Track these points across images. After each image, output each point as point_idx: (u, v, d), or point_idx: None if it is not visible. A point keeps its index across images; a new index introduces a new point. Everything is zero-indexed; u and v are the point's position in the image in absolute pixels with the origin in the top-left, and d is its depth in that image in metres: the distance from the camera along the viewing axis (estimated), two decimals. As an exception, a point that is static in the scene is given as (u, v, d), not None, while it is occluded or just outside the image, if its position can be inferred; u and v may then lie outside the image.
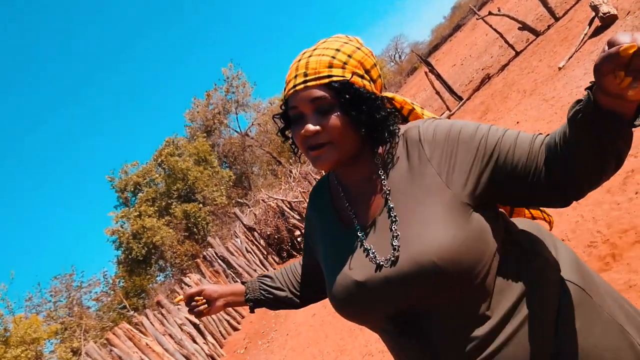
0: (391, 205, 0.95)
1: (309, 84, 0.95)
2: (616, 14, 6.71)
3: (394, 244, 0.90)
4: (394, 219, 0.93)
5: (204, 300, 1.31)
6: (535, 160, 0.89)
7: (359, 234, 0.99)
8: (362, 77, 0.98)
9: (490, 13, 11.10)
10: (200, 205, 19.77)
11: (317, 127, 0.94)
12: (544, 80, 7.20)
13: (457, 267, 0.85)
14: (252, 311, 1.38)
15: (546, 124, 5.54)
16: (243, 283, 1.37)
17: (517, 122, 6.43)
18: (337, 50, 0.98)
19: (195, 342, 7.72)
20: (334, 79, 0.94)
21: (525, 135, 0.93)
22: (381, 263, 0.92)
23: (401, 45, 66.27)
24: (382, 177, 0.98)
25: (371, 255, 0.94)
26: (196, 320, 8.03)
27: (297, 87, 0.96)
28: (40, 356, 13.45)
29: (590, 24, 7.28)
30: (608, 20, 6.75)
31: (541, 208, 1.16)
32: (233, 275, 10.08)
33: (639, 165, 3.38)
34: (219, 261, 10.10)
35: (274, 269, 10.36)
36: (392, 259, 0.90)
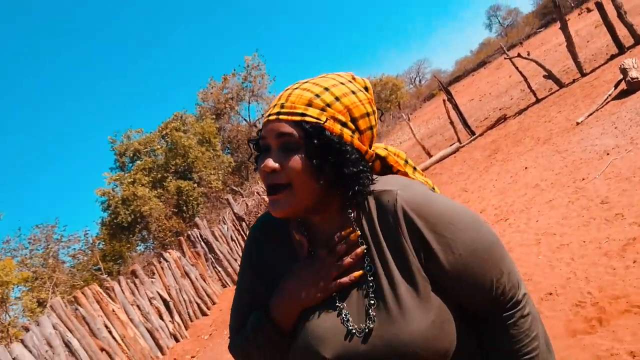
0: (368, 266, 0.89)
1: (281, 116, 0.88)
2: (644, 81, 6.70)
3: (371, 313, 0.85)
4: (370, 284, 0.88)
5: None
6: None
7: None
8: (343, 124, 0.89)
9: (519, 55, 11.10)
10: (195, 184, 19.65)
11: (276, 165, 0.87)
12: (559, 131, 7.16)
13: (434, 353, 0.84)
14: None
15: (554, 174, 5.50)
16: None
17: (526, 168, 6.39)
18: (326, 89, 0.90)
19: (161, 318, 7.62)
20: (307, 119, 0.87)
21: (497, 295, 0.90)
22: (353, 331, 0.86)
23: (423, 69, 66.64)
24: (356, 230, 0.91)
25: (343, 316, 0.88)
26: (167, 297, 7.95)
27: (270, 117, 0.90)
28: (5, 300, 13.30)
29: (616, 86, 7.26)
30: (635, 86, 6.73)
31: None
32: (213, 259, 10.00)
33: (641, 234, 3.33)
34: (202, 243, 10.01)
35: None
36: (367, 330, 0.85)
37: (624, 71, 7.10)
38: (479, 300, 0.89)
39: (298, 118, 0.87)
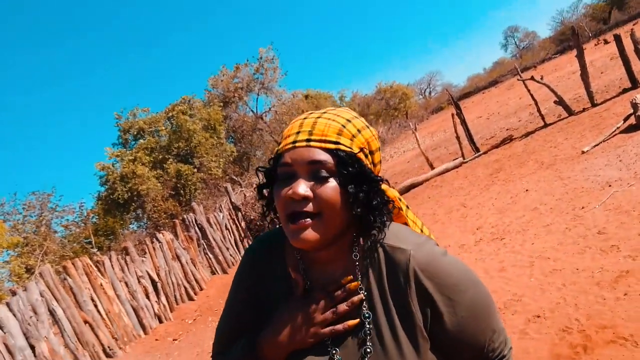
0: (367, 313, 0.89)
1: (312, 143, 0.86)
2: (654, 118, 6.72)
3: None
4: (368, 331, 0.88)
5: None
6: None
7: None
8: (366, 156, 0.90)
9: (532, 78, 11.12)
10: (195, 170, 19.64)
11: (309, 193, 0.84)
12: (564, 158, 7.18)
13: None
14: None
15: (555, 200, 5.51)
16: None
17: (527, 190, 6.40)
18: (348, 120, 0.91)
19: (148, 297, 7.63)
20: (341, 147, 0.86)
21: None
22: None
23: (435, 82, 66.78)
24: (359, 277, 0.90)
25: None
26: (156, 278, 7.96)
27: (298, 144, 0.87)
28: (-7, 263, 13.32)
29: (625, 120, 7.28)
30: (644, 122, 6.75)
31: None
32: (205, 245, 10.01)
33: (635, 267, 3.34)
34: (196, 228, 10.02)
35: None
36: None
37: (634, 106, 7.12)
38: (471, 356, 0.91)
39: (332, 146, 0.86)
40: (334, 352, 0.88)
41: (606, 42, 27.22)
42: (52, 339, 5.67)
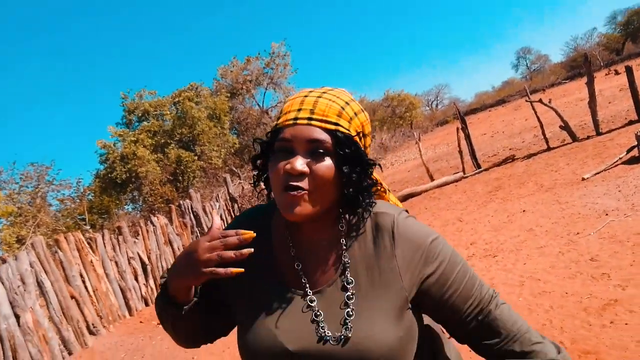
0: (350, 279, 0.91)
1: (313, 122, 0.89)
2: (657, 152, 6.74)
3: (348, 323, 0.87)
4: (350, 296, 0.89)
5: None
6: (468, 325, 0.94)
7: (310, 298, 0.92)
8: (360, 139, 0.94)
9: (540, 100, 11.15)
10: (196, 157, 19.66)
11: (306, 169, 0.87)
12: (564, 183, 7.20)
13: None
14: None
15: (551, 223, 5.53)
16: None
17: (524, 211, 6.42)
18: (347, 103, 0.95)
19: (136, 279, 7.63)
20: (340, 129, 0.90)
21: (480, 300, 0.94)
22: (327, 337, 0.87)
23: (442, 94, 66.89)
24: (344, 246, 0.93)
25: (321, 324, 0.89)
26: (146, 260, 7.96)
27: (299, 121, 0.90)
28: (-15, 228, 13.31)
29: (628, 151, 7.31)
30: (647, 155, 6.77)
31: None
32: (199, 233, 10.01)
33: (624, 297, 3.36)
34: (192, 215, 10.03)
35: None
36: (342, 338, 0.86)
37: (639, 138, 7.15)
38: (466, 308, 0.93)
39: (332, 127, 0.90)
40: (315, 308, 0.91)
41: (617, 72, 27.30)
42: (38, 310, 5.66)
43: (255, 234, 0.88)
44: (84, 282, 6.59)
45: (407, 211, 1.00)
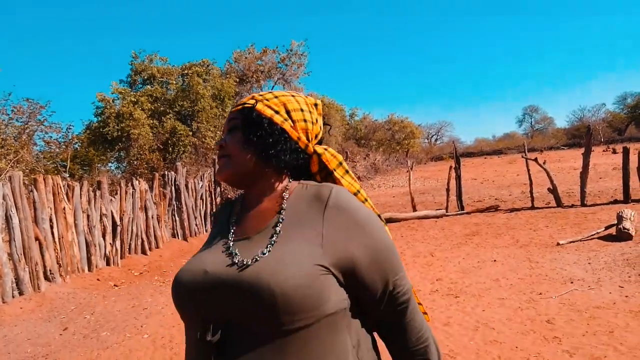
0: (278, 230, 0.99)
1: (232, 109, 1.14)
2: (633, 235, 6.90)
3: (258, 257, 0.93)
4: (272, 243, 0.96)
5: None
6: (380, 307, 1.02)
7: (230, 237, 1.04)
8: (276, 112, 1.09)
9: (536, 159, 11.34)
10: (191, 133, 19.58)
11: (222, 142, 1.11)
12: (539, 243, 7.34)
13: (286, 305, 0.87)
14: None
15: (517, 278, 5.64)
16: None
17: (494, 260, 6.53)
18: (271, 93, 1.14)
19: (104, 237, 7.59)
20: (246, 105, 1.11)
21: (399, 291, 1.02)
22: (234, 262, 0.95)
23: (444, 131, 67.53)
24: (283, 207, 1.04)
25: (234, 253, 0.97)
26: (118, 221, 7.92)
27: (232, 109, 1.15)
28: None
29: (607, 228, 7.47)
30: (623, 236, 6.93)
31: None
32: (176, 207, 9.98)
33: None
34: (173, 188, 10.00)
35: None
36: (244, 264, 0.92)
37: (619, 218, 7.32)
38: (377, 292, 0.99)
39: (240, 107, 1.12)
40: (234, 248, 0.99)
41: (615, 151, 27.86)
42: (-1, 243, 5.62)
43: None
44: (52, 227, 6.54)
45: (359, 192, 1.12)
